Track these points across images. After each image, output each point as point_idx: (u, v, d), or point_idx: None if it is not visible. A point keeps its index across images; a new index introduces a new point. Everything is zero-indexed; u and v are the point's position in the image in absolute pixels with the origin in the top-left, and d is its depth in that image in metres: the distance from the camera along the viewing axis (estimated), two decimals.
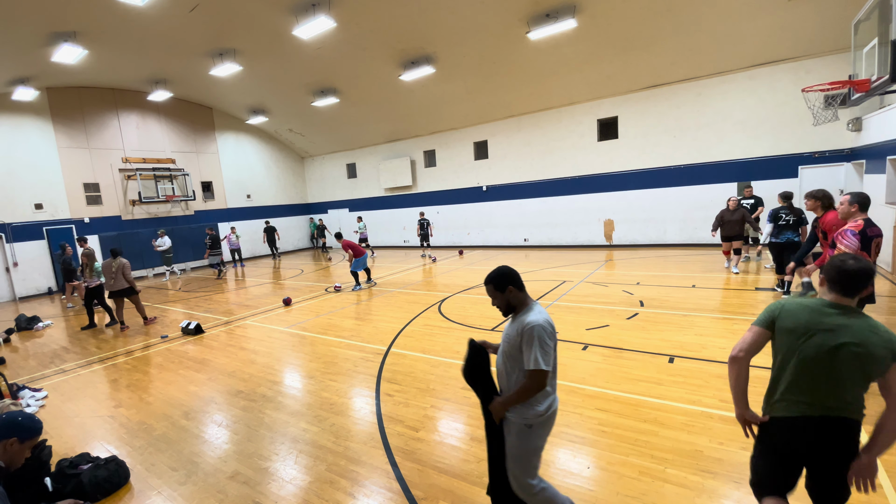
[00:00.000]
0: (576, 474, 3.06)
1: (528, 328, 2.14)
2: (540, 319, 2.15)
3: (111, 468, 3.38)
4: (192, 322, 7.77)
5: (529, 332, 2.13)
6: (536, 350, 2.10)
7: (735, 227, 8.91)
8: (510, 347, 2.25)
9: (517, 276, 2.32)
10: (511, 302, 2.30)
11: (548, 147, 15.15)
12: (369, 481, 3.18)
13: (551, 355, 2.15)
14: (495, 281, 2.30)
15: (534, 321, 2.14)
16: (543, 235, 15.81)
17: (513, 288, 2.28)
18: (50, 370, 6.41)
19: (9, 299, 13.57)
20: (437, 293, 9.38)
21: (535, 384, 2.13)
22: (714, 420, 3.58)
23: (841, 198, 4.05)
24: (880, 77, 6.18)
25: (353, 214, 21.44)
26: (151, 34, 11.42)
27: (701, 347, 5.18)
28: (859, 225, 3.76)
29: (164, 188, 16.91)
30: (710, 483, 2.86)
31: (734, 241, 9.06)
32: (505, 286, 2.28)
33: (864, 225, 3.74)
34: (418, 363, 5.41)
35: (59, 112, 14.46)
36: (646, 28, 10.64)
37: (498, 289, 2.30)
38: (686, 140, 12.77)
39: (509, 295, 2.29)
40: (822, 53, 10.53)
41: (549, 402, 2.26)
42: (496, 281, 2.30)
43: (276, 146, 21.49)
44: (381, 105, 16.22)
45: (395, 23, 11.15)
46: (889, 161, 7.94)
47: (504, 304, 2.31)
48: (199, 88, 16.28)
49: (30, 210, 13.92)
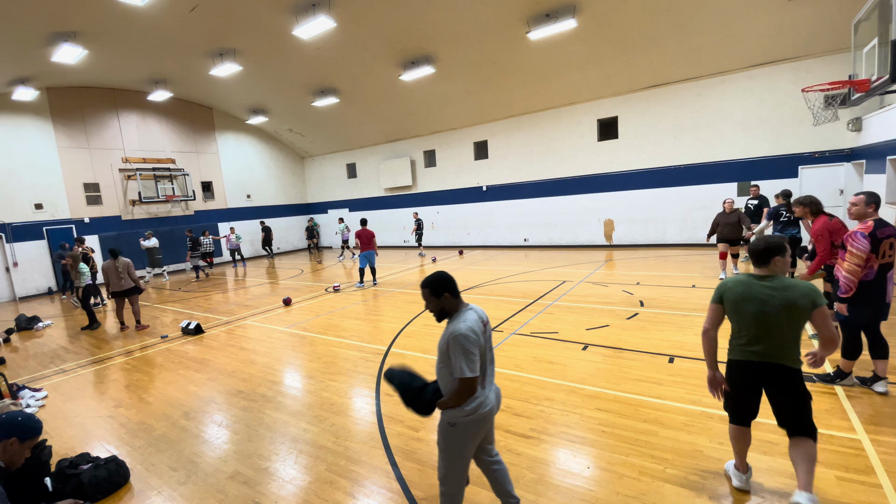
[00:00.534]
0: (576, 474, 3.06)
1: (452, 337, 2.22)
2: (463, 328, 2.22)
3: (111, 468, 3.38)
4: (192, 322, 7.77)
5: (454, 342, 2.21)
6: (461, 359, 2.19)
7: (733, 230, 8.40)
8: (441, 355, 2.33)
9: (453, 283, 2.38)
10: (445, 308, 2.36)
11: (548, 147, 15.15)
12: (369, 481, 3.18)
13: (476, 361, 2.22)
14: (432, 286, 2.35)
15: (457, 330, 2.22)
16: (543, 235, 15.81)
17: (448, 294, 2.34)
18: (50, 370, 6.41)
19: (9, 299, 13.57)
20: None
21: (464, 390, 2.22)
22: (714, 420, 3.58)
23: (854, 198, 3.84)
24: (880, 77, 6.18)
25: (352, 214, 21.46)
26: (151, 34, 11.42)
27: (701, 347, 5.17)
28: (868, 227, 3.64)
29: (164, 188, 16.91)
30: (710, 483, 2.86)
31: (731, 246, 8.53)
32: (441, 292, 2.33)
33: (875, 226, 3.63)
34: (418, 363, 5.41)
35: (59, 112, 14.46)
36: (646, 28, 10.64)
37: (434, 294, 2.34)
38: (686, 140, 12.77)
39: (444, 301, 2.35)
40: (822, 53, 10.53)
41: (476, 403, 2.31)
42: (432, 286, 2.34)
43: (276, 146, 21.49)
44: (381, 105, 16.22)
45: (395, 23, 11.15)
46: (889, 161, 7.94)
47: (438, 309, 2.37)
48: (199, 88, 16.28)
49: (30, 210, 13.92)
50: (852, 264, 3.63)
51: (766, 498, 2.69)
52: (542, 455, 3.32)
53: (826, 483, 2.78)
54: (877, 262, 3.64)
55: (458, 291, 2.40)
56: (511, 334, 6.20)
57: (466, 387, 2.22)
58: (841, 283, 3.76)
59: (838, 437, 3.24)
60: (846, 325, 3.91)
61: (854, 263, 3.62)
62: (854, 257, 3.62)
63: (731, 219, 8.38)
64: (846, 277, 3.69)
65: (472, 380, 2.20)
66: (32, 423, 2.39)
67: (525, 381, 4.62)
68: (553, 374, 4.74)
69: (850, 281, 3.67)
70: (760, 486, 2.79)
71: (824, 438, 3.22)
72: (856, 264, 3.61)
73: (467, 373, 2.18)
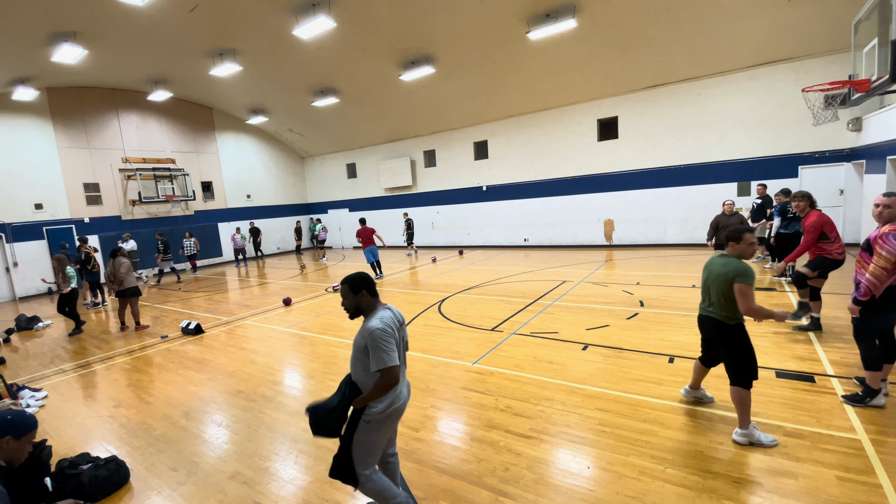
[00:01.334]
0: (576, 474, 3.06)
1: (368, 333, 2.35)
2: (378, 324, 2.36)
3: (111, 468, 3.38)
4: (192, 322, 7.77)
5: (370, 337, 2.34)
6: (378, 352, 2.31)
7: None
8: (357, 352, 2.43)
9: (372, 284, 2.53)
10: (361, 305, 2.49)
11: (548, 147, 15.15)
12: None
13: (394, 352, 2.35)
14: (351, 283, 2.48)
15: (372, 326, 2.35)
16: (543, 235, 15.81)
17: (366, 293, 2.48)
18: (50, 370, 6.41)
19: (9, 299, 13.57)
20: (437, 293, 9.38)
21: (387, 381, 2.33)
22: (714, 420, 3.58)
23: (885, 199, 3.49)
24: (880, 77, 6.18)
25: (353, 214, 21.48)
26: (151, 34, 11.42)
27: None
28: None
29: (164, 188, 16.92)
30: (710, 483, 2.86)
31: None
32: (360, 289, 2.47)
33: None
34: (418, 363, 5.41)
35: (59, 112, 14.46)
36: (646, 28, 10.64)
37: (352, 290, 2.47)
38: (686, 140, 12.77)
39: (361, 298, 2.48)
40: (822, 53, 10.54)
41: (388, 401, 2.42)
42: (352, 283, 2.47)
43: (276, 146, 21.49)
44: (381, 105, 16.22)
45: (395, 23, 11.15)
46: (889, 161, 7.94)
47: (353, 305, 2.49)
48: (199, 88, 16.28)
49: (30, 210, 13.92)
50: (878, 267, 3.37)
51: (765, 498, 2.69)
52: (542, 455, 3.32)
53: (826, 483, 2.78)
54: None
55: (377, 292, 2.55)
56: (511, 334, 6.20)
57: (390, 375, 2.32)
58: (861, 286, 3.49)
59: (838, 437, 3.24)
60: (863, 334, 3.63)
61: (881, 266, 3.36)
62: (882, 260, 3.35)
63: (732, 221, 8.06)
64: (869, 280, 3.42)
65: (393, 368, 2.32)
66: (23, 419, 2.37)
67: (525, 381, 4.62)
68: (553, 374, 4.74)
69: (872, 285, 3.41)
70: (760, 486, 2.79)
71: (824, 438, 3.23)
72: (882, 267, 3.35)
73: (388, 362, 2.30)
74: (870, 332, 3.60)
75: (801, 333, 5.37)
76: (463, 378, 4.87)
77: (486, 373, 4.95)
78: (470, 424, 3.88)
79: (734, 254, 3.28)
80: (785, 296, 7.13)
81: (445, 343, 6.09)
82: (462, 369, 5.11)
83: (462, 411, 4.14)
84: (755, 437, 3.21)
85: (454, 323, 7.04)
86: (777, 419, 3.52)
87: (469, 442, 3.60)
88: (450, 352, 5.72)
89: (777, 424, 3.44)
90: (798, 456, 3.05)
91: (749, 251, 3.24)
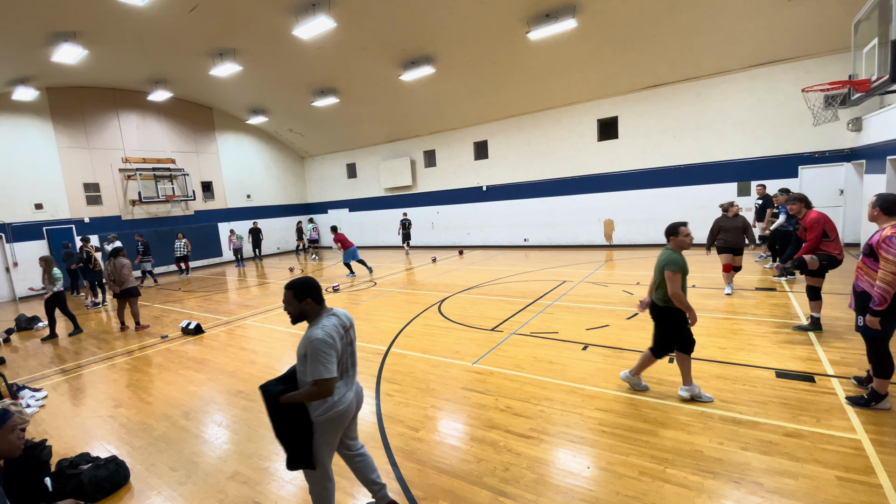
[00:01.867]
0: (576, 474, 3.06)
1: (309, 343, 2.32)
2: (320, 334, 2.33)
3: (111, 468, 3.38)
4: (192, 322, 7.77)
5: (309, 347, 2.31)
6: (316, 363, 2.28)
7: (737, 237, 7.26)
8: (300, 359, 2.40)
9: (318, 290, 2.47)
10: (305, 311, 2.44)
11: (548, 147, 15.15)
12: None
13: (332, 363, 2.31)
14: (296, 289, 2.42)
15: (313, 335, 2.33)
16: (543, 235, 15.81)
17: (311, 300, 2.43)
18: (50, 370, 6.41)
19: (9, 299, 13.57)
20: (437, 293, 9.38)
21: (319, 391, 2.31)
22: (714, 420, 3.58)
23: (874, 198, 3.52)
24: (880, 77, 6.18)
25: (353, 215, 21.49)
26: (151, 34, 11.41)
27: (701, 347, 5.18)
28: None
29: (164, 188, 16.92)
30: (710, 483, 2.86)
31: (735, 256, 7.33)
32: (304, 297, 2.41)
33: None
34: (418, 363, 5.41)
35: (59, 112, 14.46)
36: (646, 28, 10.64)
37: (296, 297, 2.41)
38: (686, 140, 12.77)
39: (305, 306, 2.42)
40: (821, 53, 10.53)
41: (326, 406, 2.41)
42: (297, 289, 2.42)
43: (276, 146, 21.49)
44: (381, 105, 16.22)
45: (395, 23, 11.15)
46: (889, 161, 7.94)
47: (297, 312, 2.44)
48: (199, 88, 16.28)
49: (30, 210, 13.92)
50: (888, 272, 3.22)
51: (765, 498, 2.69)
52: (542, 455, 3.32)
53: (826, 483, 2.78)
54: None
55: (322, 298, 2.49)
56: (511, 334, 6.20)
57: (320, 388, 2.30)
58: (875, 295, 3.32)
59: (838, 437, 3.24)
60: (872, 341, 3.50)
61: (890, 271, 3.22)
62: (890, 264, 3.21)
63: (736, 224, 7.31)
64: (881, 288, 3.26)
65: (327, 381, 2.29)
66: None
67: (525, 381, 4.62)
68: (553, 374, 4.74)
69: (885, 292, 3.25)
70: (760, 486, 2.79)
71: (824, 438, 3.23)
72: (892, 272, 3.21)
73: (324, 374, 2.28)
74: (879, 340, 3.48)
75: (800, 333, 5.37)
76: (463, 378, 4.87)
77: (486, 373, 4.95)
78: (470, 424, 3.88)
79: (673, 246, 3.84)
80: (785, 296, 7.14)
81: (445, 343, 6.09)
82: (462, 369, 5.12)
83: (462, 411, 4.14)
84: (695, 392, 3.86)
85: (454, 323, 7.04)
86: (777, 419, 3.52)
87: (469, 442, 3.60)
88: (450, 352, 5.72)
89: (777, 424, 3.45)
90: (798, 456, 3.05)
91: (686, 242, 3.80)
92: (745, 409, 3.72)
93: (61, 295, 8.11)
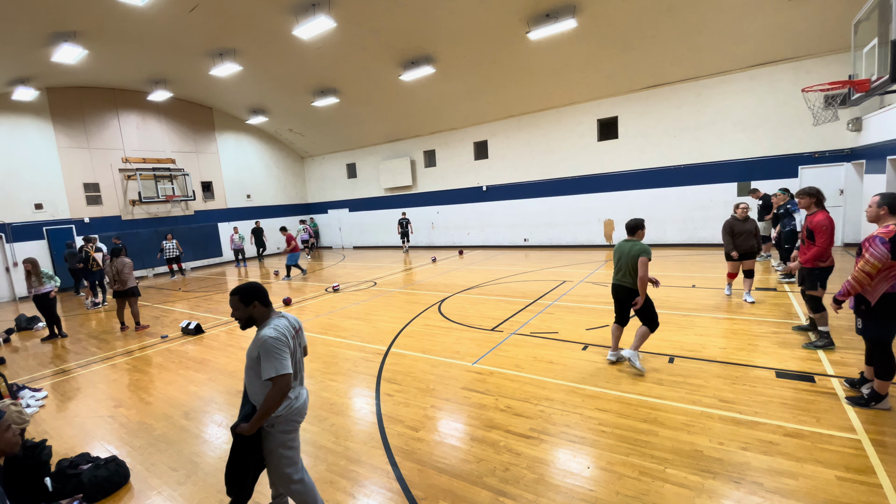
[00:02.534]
0: (576, 474, 3.06)
1: (261, 342, 2.34)
2: (271, 333, 2.36)
3: (111, 468, 3.38)
4: (192, 322, 7.77)
5: (262, 346, 2.33)
6: (271, 360, 2.30)
7: (747, 241, 6.85)
8: (250, 361, 2.42)
9: (264, 294, 2.50)
10: (254, 316, 2.46)
11: (548, 147, 15.15)
12: (369, 481, 3.18)
13: (287, 360, 2.35)
14: (242, 294, 2.44)
15: (265, 335, 2.35)
16: (543, 235, 15.81)
17: (258, 303, 2.46)
18: (50, 370, 6.41)
19: (9, 299, 13.57)
20: (437, 293, 9.38)
21: (278, 389, 2.31)
22: (714, 420, 3.58)
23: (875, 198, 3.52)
24: (880, 77, 6.18)
25: (353, 215, 21.49)
26: (151, 34, 11.42)
27: (701, 347, 5.19)
28: (890, 231, 3.29)
29: (164, 188, 16.92)
30: (710, 483, 2.86)
31: (745, 261, 6.86)
32: (251, 301, 2.44)
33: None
34: (418, 363, 5.41)
35: (59, 112, 14.46)
36: (646, 28, 10.64)
37: (242, 301, 2.43)
38: (686, 140, 12.77)
39: (253, 310, 2.45)
40: (821, 53, 10.54)
41: (285, 405, 2.43)
42: (242, 294, 2.44)
43: (276, 146, 21.49)
44: (381, 105, 16.22)
45: (395, 23, 11.15)
46: (889, 161, 7.94)
47: (245, 316, 2.46)
48: (199, 88, 16.28)
49: (30, 210, 13.92)
50: (862, 271, 3.33)
51: (765, 498, 2.69)
52: (542, 455, 3.32)
53: (826, 483, 2.78)
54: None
55: (269, 301, 2.53)
56: (511, 334, 6.20)
57: (282, 383, 2.31)
58: (843, 286, 3.49)
59: (838, 437, 3.24)
60: (873, 343, 3.54)
61: (865, 271, 3.30)
62: (867, 264, 3.29)
63: (746, 227, 6.87)
64: (850, 283, 3.42)
65: (284, 377, 2.31)
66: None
67: (525, 381, 4.62)
68: (553, 374, 4.74)
69: (852, 287, 3.41)
70: (760, 486, 2.79)
71: (824, 438, 3.23)
72: (866, 272, 3.30)
73: (281, 370, 2.30)
74: (881, 343, 3.49)
75: (801, 333, 5.37)
76: (463, 378, 4.87)
77: (486, 373, 4.95)
78: (470, 424, 3.88)
79: (638, 239, 4.60)
80: (785, 296, 7.14)
81: (445, 343, 6.09)
82: (462, 369, 5.12)
83: (462, 411, 4.14)
84: (635, 359, 4.56)
85: (454, 323, 7.04)
86: (777, 419, 3.52)
87: (469, 442, 3.60)
88: (450, 352, 5.72)
89: (777, 424, 3.45)
90: (798, 456, 3.05)
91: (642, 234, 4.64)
92: (745, 409, 3.72)
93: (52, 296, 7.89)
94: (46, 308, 7.95)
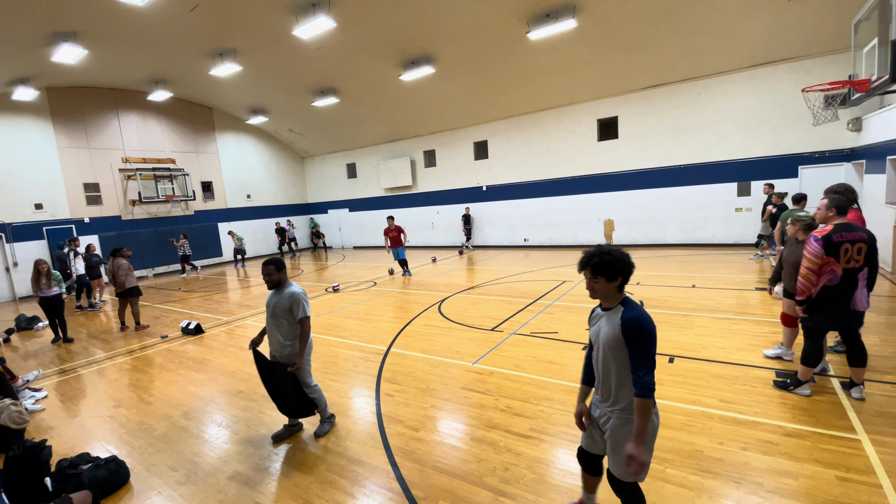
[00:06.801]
0: (576, 474, 3.06)
1: (293, 296, 3.58)
2: (299, 289, 3.66)
3: (111, 468, 3.38)
4: (192, 322, 7.77)
5: (294, 298, 3.57)
6: (303, 306, 3.58)
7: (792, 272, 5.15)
8: (281, 311, 3.59)
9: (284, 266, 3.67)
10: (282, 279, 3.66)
11: (548, 147, 15.15)
12: (369, 481, 3.18)
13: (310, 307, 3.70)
14: (276, 264, 3.62)
15: (297, 290, 3.63)
16: (543, 235, 15.81)
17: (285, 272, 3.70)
18: (50, 370, 6.41)
19: (9, 299, 13.57)
20: (437, 293, 9.38)
21: (308, 326, 3.63)
22: (714, 420, 3.58)
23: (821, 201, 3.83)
24: (880, 77, 6.18)
25: (353, 215, 21.49)
26: (151, 34, 11.41)
27: (701, 347, 5.19)
28: (824, 231, 3.60)
29: (164, 188, 16.91)
30: (710, 483, 2.86)
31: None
32: (282, 268, 3.64)
33: (832, 230, 3.56)
34: (418, 363, 5.41)
35: (59, 112, 14.46)
36: (646, 28, 10.64)
37: (277, 269, 3.60)
38: (686, 140, 12.77)
39: (282, 275, 3.65)
40: (821, 53, 10.53)
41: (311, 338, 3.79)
42: (277, 264, 3.62)
43: (276, 146, 21.49)
44: (381, 105, 16.21)
45: (395, 23, 11.15)
46: (889, 161, 7.94)
47: (277, 280, 3.62)
48: (199, 88, 16.28)
49: (30, 210, 13.92)
50: (805, 268, 3.66)
51: (765, 498, 2.69)
52: (542, 455, 3.32)
53: (826, 483, 2.78)
54: (839, 267, 3.54)
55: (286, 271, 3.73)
56: (511, 334, 6.20)
57: (307, 323, 3.61)
58: (797, 287, 3.78)
59: (838, 437, 3.24)
60: (808, 331, 3.87)
61: (806, 267, 3.64)
62: (806, 261, 3.64)
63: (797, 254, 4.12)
64: (800, 282, 3.72)
65: (310, 318, 3.65)
66: None
67: (525, 381, 4.62)
68: (553, 374, 4.74)
69: (801, 284, 3.70)
70: (760, 486, 2.79)
71: (824, 438, 3.23)
72: (807, 268, 3.63)
73: (308, 313, 3.62)
74: (813, 331, 3.84)
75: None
76: (463, 378, 4.87)
77: (486, 373, 4.95)
78: (470, 424, 3.88)
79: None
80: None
81: (445, 343, 6.09)
82: (462, 369, 5.12)
83: (462, 411, 4.14)
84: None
85: (454, 323, 7.04)
86: (777, 419, 3.52)
87: (469, 442, 3.60)
88: (450, 352, 5.72)
89: (777, 424, 3.45)
90: (798, 456, 3.05)
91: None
92: (745, 409, 3.72)
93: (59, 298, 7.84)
94: (54, 310, 7.80)
